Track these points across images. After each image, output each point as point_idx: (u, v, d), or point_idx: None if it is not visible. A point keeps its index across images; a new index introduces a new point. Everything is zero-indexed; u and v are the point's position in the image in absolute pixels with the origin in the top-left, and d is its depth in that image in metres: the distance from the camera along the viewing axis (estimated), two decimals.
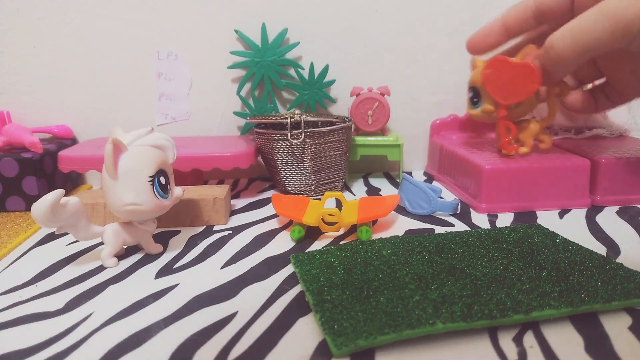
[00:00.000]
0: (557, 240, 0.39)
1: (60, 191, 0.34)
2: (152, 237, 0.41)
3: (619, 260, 0.37)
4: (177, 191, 0.41)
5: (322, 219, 0.44)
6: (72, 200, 0.36)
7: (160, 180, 0.38)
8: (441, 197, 0.50)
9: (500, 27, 0.49)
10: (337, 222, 0.43)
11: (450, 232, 0.42)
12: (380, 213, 0.44)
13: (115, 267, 0.38)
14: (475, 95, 0.52)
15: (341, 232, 0.45)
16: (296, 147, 0.54)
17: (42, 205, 0.33)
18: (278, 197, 0.49)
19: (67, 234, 0.40)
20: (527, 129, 0.52)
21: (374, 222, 0.47)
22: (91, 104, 0.66)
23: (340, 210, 0.45)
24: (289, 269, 0.37)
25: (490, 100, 0.50)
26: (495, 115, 0.51)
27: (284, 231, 0.46)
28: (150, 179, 0.37)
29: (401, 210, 0.51)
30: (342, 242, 0.42)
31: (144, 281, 0.36)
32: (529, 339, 0.27)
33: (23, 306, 0.32)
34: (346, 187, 0.62)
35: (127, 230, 0.39)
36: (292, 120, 0.54)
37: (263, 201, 0.56)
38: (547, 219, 0.48)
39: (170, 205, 0.40)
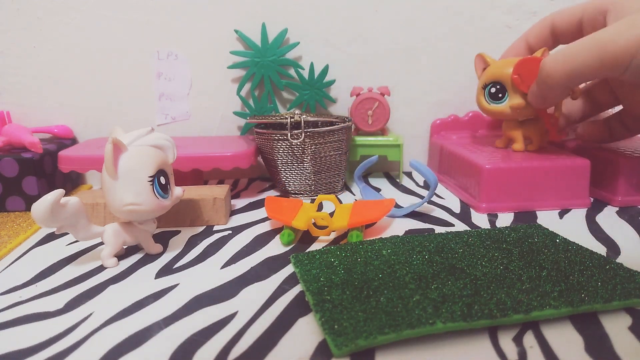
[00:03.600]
0: (557, 240, 0.39)
1: (60, 191, 0.34)
2: (152, 237, 0.41)
3: (619, 260, 0.37)
4: (177, 191, 0.41)
5: (314, 222, 0.43)
6: (72, 200, 0.36)
7: (160, 180, 0.38)
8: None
9: (525, 46, 0.53)
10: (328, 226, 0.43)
11: (450, 232, 0.42)
12: (373, 217, 0.43)
13: (115, 267, 0.38)
14: (500, 90, 0.53)
15: (332, 236, 0.44)
16: (296, 147, 0.54)
17: (42, 205, 0.33)
18: (271, 199, 0.49)
19: (67, 234, 0.40)
20: (536, 127, 0.54)
21: (369, 225, 0.47)
22: (91, 104, 0.66)
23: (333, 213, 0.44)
24: (289, 269, 0.37)
25: (521, 97, 0.51)
26: (526, 111, 0.52)
27: None
28: (150, 179, 0.37)
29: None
30: (342, 242, 0.42)
31: (144, 281, 0.36)
32: (529, 339, 0.27)
33: (23, 306, 0.32)
34: (346, 188, 0.62)
35: (127, 230, 0.39)
36: (292, 120, 0.54)
37: (263, 201, 0.56)
38: (547, 219, 0.48)
39: (170, 206, 0.40)
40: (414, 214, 0.50)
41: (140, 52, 0.65)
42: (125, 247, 0.42)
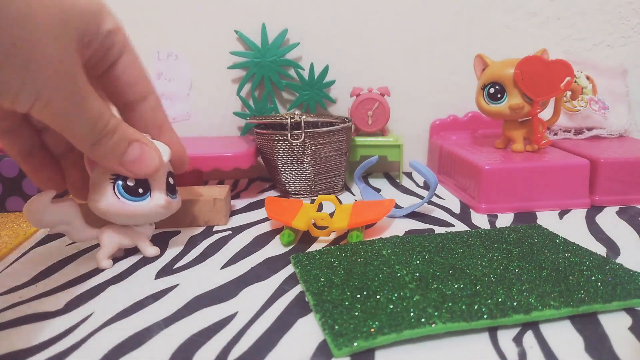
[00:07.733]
0: (557, 241, 0.39)
1: (51, 191, 0.34)
2: (148, 240, 0.40)
3: (619, 260, 0.37)
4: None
5: (314, 223, 0.43)
6: (66, 200, 0.35)
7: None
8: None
9: None
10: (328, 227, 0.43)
11: (450, 232, 0.42)
12: (373, 218, 0.43)
13: (115, 268, 0.38)
14: (499, 91, 0.53)
15: (332, 236, 0.44)
16: (296, 148, 0.54)
17: (34, 204, 0.33)
18: (271, 200, 0.49)
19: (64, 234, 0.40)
20: (532, 128, 0.54)
21: (369, 225, 0.47)
22: None
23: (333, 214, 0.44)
24: (289, 269, 0.37)
25: (520, 97, 0.52)
26: (525, 112, 0.52)
27: None
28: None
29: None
30: (342, 243, 0.42)
31: (144, 281, 0.36)
32: (529, 339, 0.27)
33: (23, 306, 0.32)
34: (346, 188, 0.62)
35: (124, 233, 0.39)
36: (292, 120, 0.54)
37: (263, 202, 0.56)
38: (547, 219, 0.48)
39: (176, 207, 0.40)
40: (414, 214, 0.50)
41: (140, 53, 0.64)
42: (122, 249, 0.42)
